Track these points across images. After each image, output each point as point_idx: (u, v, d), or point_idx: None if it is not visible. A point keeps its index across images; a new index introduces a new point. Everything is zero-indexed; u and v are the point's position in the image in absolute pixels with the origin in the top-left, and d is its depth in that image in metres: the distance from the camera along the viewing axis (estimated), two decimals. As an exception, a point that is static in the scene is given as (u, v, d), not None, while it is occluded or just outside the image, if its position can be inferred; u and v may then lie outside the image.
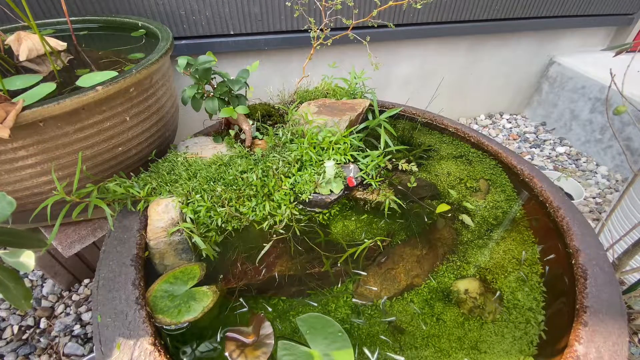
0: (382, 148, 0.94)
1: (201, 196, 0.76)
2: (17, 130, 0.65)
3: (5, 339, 1.14)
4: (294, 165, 0.85)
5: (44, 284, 1.29)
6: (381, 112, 1.05)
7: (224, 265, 0.71)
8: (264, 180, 0.81)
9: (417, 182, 0.91)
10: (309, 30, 1.11)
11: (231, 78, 0.88)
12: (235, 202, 0.78)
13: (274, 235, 0.76)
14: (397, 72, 1.94)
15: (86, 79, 0.83)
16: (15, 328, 1.16)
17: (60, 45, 0.97)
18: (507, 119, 2.40)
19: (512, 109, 2.46)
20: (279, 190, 0.81)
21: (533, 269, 0.69)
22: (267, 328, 0.59)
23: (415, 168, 0.92)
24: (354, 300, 0.65)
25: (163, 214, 0.71)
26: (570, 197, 1.66)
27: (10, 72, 0.87)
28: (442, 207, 0.83)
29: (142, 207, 0.74)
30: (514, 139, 2.22)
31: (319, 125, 0.92)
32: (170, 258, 0.71)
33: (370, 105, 1.06)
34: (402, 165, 0.92)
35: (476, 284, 0.66)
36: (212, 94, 0.88)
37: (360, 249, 0.72)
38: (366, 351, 0.57)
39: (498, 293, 0.65)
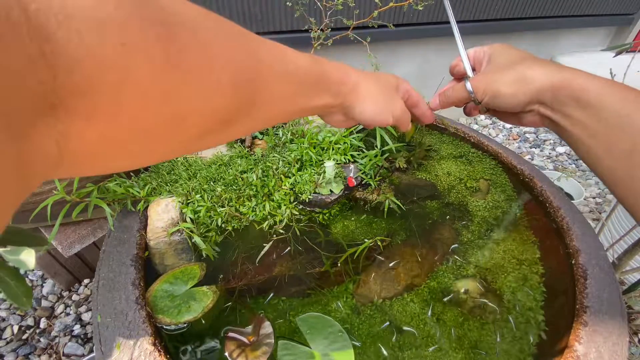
0: (378, 147, 0.94)
1: (201, 196, 0.76)
2: (17, 130, 0.65)
3: (5, 339, 1.14)
4: (294, 165, 0.85)
5: (44, 284, 1.30)
6: (381, 112, 1.05)
7: (224, 265, 0.71)
8: (264, 180, 0.81)
9: (416, 182, 0.91)
10: (310, 30, 1.11)
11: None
12: (235, 202, 0.78)
13: (274, 235, 0.76)
14: (397, 72, 1.94)
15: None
16: (15, 328, 1.16)
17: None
18: (507, 119, 2.40)
19: (512, 109, 2.46)
20: (279, 190, 0.82)
21: (533, 269, 0.69)
22: (267, 328, 0.59)
23: (414, 167, 0.92)
24: (354, 300, 0.65)
25: (163, 214, 0.71)
26: (570, 197, 1.66)
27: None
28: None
29: (142, 207, 0.74)
30: (514, 139, 2.22)
31: (319, 125, 0.92)
32: (170, 258, 0.71)
33: (370, 105, 1.06)
34: (401, 164, 0.92)
35: (476, 284, 0.66)
36: (212, 94, 0.87)
37: (360, 249, 0.72)
38: (366, 351, 0.57)
39: (498, 293, 0.65)
